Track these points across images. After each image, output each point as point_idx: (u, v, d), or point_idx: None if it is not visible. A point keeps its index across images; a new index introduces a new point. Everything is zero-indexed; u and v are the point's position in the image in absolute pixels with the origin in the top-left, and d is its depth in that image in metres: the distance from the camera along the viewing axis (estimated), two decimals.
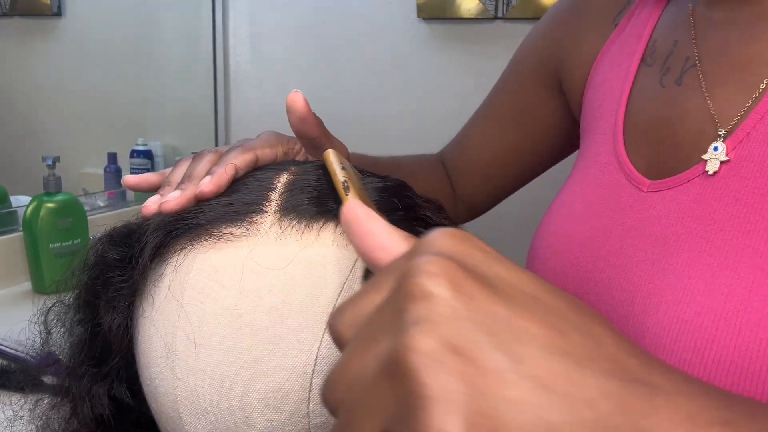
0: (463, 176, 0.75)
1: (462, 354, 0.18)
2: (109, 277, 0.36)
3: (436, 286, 0.19)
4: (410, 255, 0.21)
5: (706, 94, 0.44)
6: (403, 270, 0.20)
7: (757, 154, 0.39)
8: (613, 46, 0.54)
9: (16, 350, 0.78)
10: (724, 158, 0.40)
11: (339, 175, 0.32)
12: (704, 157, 0.42)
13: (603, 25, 0.56)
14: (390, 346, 0.19)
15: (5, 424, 0.46)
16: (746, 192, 0.39)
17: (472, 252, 0.21)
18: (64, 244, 1.12)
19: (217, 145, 1.69)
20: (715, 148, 0.41)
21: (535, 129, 0.67)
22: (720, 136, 0.41)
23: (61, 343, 0.40)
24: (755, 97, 0.41)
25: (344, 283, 0.32)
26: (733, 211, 0.39)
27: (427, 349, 0.18)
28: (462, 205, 0.77)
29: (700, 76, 0.44)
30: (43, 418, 0.41)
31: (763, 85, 0.41)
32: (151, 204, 0.38)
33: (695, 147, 0.43)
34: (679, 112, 0.45)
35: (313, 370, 0.31)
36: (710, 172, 0.41)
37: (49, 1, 1.38)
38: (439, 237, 0.21)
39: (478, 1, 1.34)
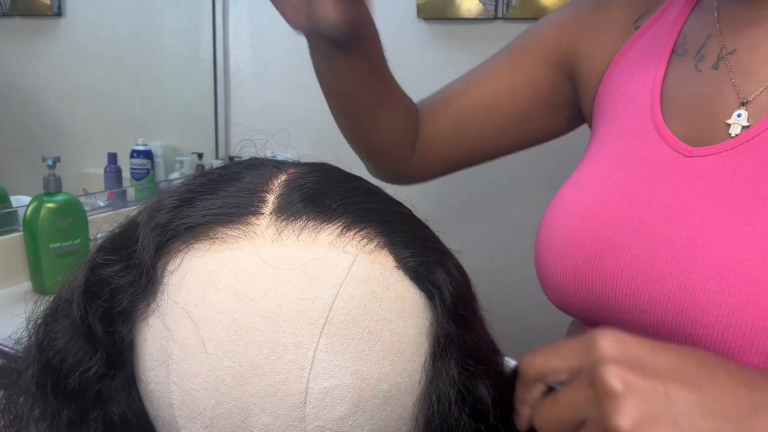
0: (436, 116, 0.75)
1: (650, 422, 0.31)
2: (105, 278, 0.35)
3: (619, 386, 0.31)
4: (590, 360, 0.34)
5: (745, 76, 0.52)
6: (591, 374, 0.33)
7: None
8: (636, 45, 0.61)
9: (16, 350, 0.78)
10: (745, 123, 0.49)
11: None
12: (728, 122, 0.50)
13: (623, 26, 0.63)
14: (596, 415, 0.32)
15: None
16: None
17: (630, 351, 0.33)
18: (64, 244, 1.12)
19: (217, 145, 1.69)
20: (739, 115, 0.50)
21: (526, 97, 0.71)
22: (740, 104, 0.50)
23: (58, 344, 0.40)
24: None
25: (341, 285, 0.32)
26: None
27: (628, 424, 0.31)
28: (419, 156, 0.76)
29: (744, 64, 0.52)
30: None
31: None
32: None
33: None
34: (718, 89, 0.52)
35: (308, 374, 0.31)
36: (733, 134, 0.49)
37: (49, 1, 1.37)
38: (607, 345, 0.33)
39: (478, 1, 1.34)
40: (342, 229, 0.34)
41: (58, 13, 1.40)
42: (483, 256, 1.41)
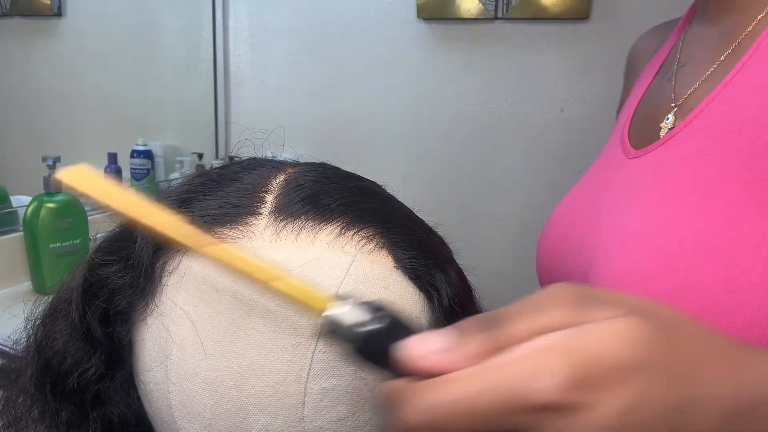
0: None
1: None
2: (104, 278, 0.35)
3: None
4: None
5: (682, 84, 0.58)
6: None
7: (704, 125, 0.51)
8: (644, 74, 0.70)
9: (15, 350, 0.78)
10: (671, 126, 0.55)
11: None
12: (661, 125, 0.56)
13: (640, 70, 0.71)
14: None
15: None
16: (697, 153, 0.50)
17: None
18: (64, 244, 1.12)
19: (217, 145, 1.69)
20: (667, 118, 0.56)
21: None
22: (672, 108, 0.56)
23: (57, 345, 0.40)
24: (701, 82, 0.54)
25: (339, 285, 0.32)
26: (692, 165, 0.51)
27: None
28: None
29: (686, 73, 0.58)
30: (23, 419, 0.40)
31: (707, 74, 0.54)
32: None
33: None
34: (661, 98, 0.59)
35: (307, 374, 0.31)
36: (661, 136, 0.55)
37: (49, 1, 1.38)
38: None
39: (478, 1, 1.34)
40: (341, 229, 0.34)
41: (58, 13, 1.40)
42: (484, 255, 1.41)
